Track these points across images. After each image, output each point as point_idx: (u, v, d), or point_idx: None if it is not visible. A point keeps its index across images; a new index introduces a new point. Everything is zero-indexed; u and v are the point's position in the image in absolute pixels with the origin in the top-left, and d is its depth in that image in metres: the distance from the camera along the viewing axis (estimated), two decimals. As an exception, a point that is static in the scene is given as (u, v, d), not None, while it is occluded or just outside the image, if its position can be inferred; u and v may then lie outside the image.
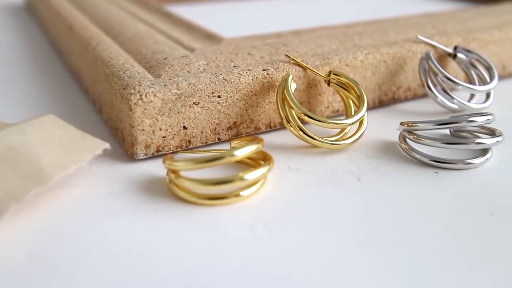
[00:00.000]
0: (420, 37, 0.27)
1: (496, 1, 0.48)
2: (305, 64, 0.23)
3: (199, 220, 0.17)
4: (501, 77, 0.31)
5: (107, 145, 0.19)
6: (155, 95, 0.20)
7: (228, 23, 0.47)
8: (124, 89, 0.20)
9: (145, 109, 0.20)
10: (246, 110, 0.22)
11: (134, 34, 0.27)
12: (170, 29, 0.30)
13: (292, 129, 0.21)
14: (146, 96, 0.20)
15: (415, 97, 0.28)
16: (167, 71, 0.22)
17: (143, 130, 0.20)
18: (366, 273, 0.15)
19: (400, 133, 0.22)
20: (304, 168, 0.21)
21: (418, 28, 0.29)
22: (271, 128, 0.23)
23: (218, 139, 0.22)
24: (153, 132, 0.20)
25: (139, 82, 0.20)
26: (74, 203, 0.18)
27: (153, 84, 0.20)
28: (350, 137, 0.22)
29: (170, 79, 0.21)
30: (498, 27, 0.30)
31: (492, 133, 0.21)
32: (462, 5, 0.54)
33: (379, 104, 0.26)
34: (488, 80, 0.26)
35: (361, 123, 0.22)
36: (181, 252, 0.16)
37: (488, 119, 0.21)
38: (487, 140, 0.20)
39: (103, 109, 0.24)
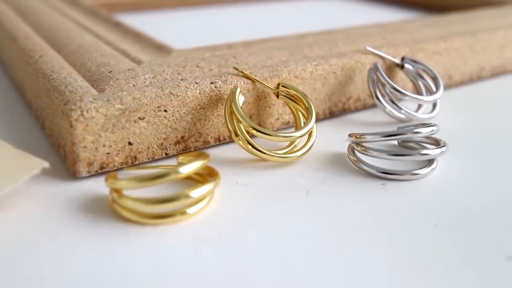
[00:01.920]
0: (368, 48, 0.27)
1: (444, 10, 0.49)
2: (253, 77, 0.23)
3: (143, 240, 0.17)
4: (448, 87, 0.31)
5: (45, 164, 0.18)
6: (98, 111, 0.19)
7: (184, 32, 0.47)
8: (65, 104, 0.20)
9: (86, 125, 0.19)
10: (194, 124, 0.22)
11: (79, 46, 0.26)
12: (118, 40, 0.29)
13: (240, 143, 0.21)
14: (87, 112, 0.19)
15: (365, 107, 0.28)
16: (112, 85, 0.21)
17: (85, 147, 0.19)
18: (311, 291, 0.15)
19: (349, 145, 0.22)
20: (253, 183, 0.20)
21: (368, 39, 0.30)
22: (221, 141, 0.23)
23: (166, 154, 0.22)
24: (96, 148, 0.20)
25: (81, 97, 0.20)
26: (10, 225, 0.17)
27: (95, 99, 0.20)
28: (300, 149, 0.22)
29: (113, 93, 0.20)
30: (444, 38, 0.31)
31: (437, 143, 0.22)
32: (413, 14, 0.55)
33: (330, 115, 0.27)
34: (435, 90, 0.27)
35: (310, 135, 0.22)
36: (123, 274, 0.15)
37: (432, 130, 0.21)
38: (432, 151, 0.21)
39: (45, 125, 0.24)
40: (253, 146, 0.21)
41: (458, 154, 0.23)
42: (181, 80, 0.22)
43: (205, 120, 0.22)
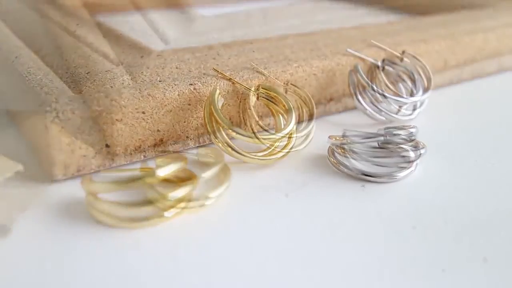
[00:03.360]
0: (349, 50, 0.27)
1: (424, 13, 0.50)
2: (233, 78, 0.23)
3: (119, 244, 0.17)
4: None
5: (19, 167, 0.18)
6: (73, 113, 0.19)
7: (166, 33, 0.46)
8: (40, 106, 0.19)
9: (62, 127, 0.19)
10: (173, 126, 0.22)
11: (58, 47, 0.26)
12: (99, 41, 0.29)
13: (220, 145, 0.21)
14: (63, 113, 0.19)
15: (346, 109, 0.28)
16: (89, 87, 0.21)
17: (60, 149, 0.19)
18: (288, 295, 0.14)
19: (329, 147, 0.22)
20: (232, 185, 0.20)
21: (349, 41, 0.30)
22: (200, 143, 0.23)
23: (144, 156, 0.21)
24: (72, 151, 0.19)
25: (56, 99, 0.19)
26: (-18, 230, 0.17)
27: (71, 101, 0.19)
28: (280, 151, 0.22)
29: (90, 95, 0.20)
30: (424, 40, 0.31)
31: (416, 145, 0.22)
32: (395, 17, 0.55)
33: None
34: (414, 92, 0.27)
35: (290, 137, 0.22)
36: (98, 279, 0.15)
37: (411, 132, 0.21)
38: (411, 153, 0.21)
39: (22, 127, 0.23)
40: (232, 148, 0.21)
41: (437, 156, 0.23)
42: (160, 81, 0.22)
43: (184, 122, 0.22)
